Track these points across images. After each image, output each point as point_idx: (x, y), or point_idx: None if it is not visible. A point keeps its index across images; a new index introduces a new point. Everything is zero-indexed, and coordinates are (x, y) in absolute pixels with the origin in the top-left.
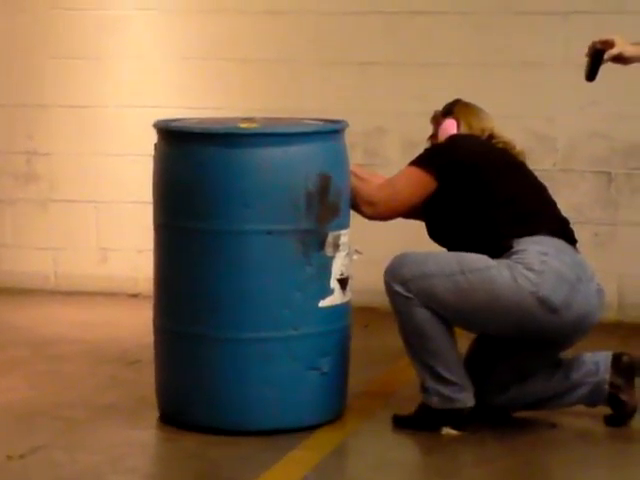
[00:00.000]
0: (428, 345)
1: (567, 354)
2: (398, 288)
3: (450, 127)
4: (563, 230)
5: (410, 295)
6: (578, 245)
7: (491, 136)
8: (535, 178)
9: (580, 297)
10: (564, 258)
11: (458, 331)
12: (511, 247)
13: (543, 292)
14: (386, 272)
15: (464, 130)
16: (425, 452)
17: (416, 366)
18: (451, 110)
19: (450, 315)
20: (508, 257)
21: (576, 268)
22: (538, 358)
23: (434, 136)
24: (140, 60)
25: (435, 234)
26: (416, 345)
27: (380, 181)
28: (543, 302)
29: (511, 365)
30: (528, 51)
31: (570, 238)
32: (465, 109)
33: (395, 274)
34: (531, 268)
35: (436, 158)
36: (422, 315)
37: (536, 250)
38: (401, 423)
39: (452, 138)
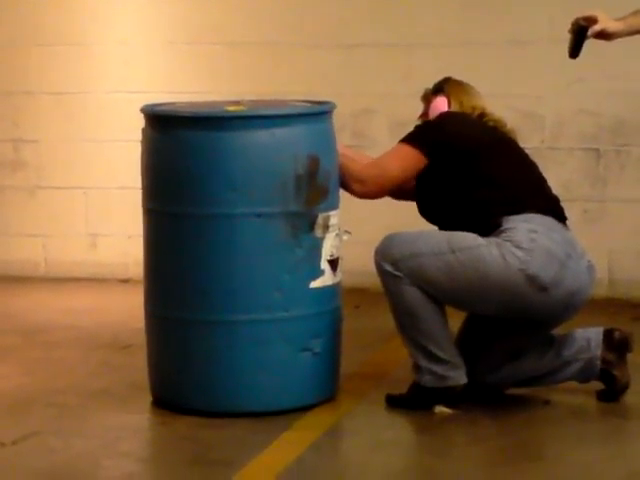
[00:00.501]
0: (419, 324)
1: (559, 331)
2: (388, 268)
3: (441, 105)
4: (553, 208)
5: (400, 274)
6: (568, 222)
7: (482, 114)
8: (526, 156)
9: (570, 274)
10: (553, 236)
11: (450, 310)
12: (500, 225)
13: (532, 270)
14: (376, 252)
15: (455, 108)
16: (419, 431)
17: (408, 345)
18: (442, 88)
19: (440, 294)
20: (497, 235)
21: (566, 245)
22: (530, 336)
23: (424, 114)
24: (126, 45)
25: (425, 211)
26: (408, 324)
27: (368, 161)
28: (532, 280)
29: (503, 344)
30: (514, 29)
31: (560, 216)
32: (456, 87)
33: (385, 254)
34: (520, 246)
35: (426, 135)
36: (413, 294)
37: (525, 228)
38: (394, 402)
39: (442, 115)
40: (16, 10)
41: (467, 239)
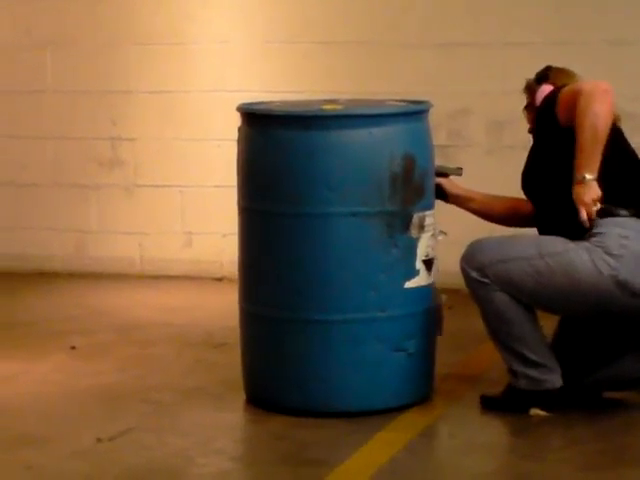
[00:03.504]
0: (511, 329)
1: None
2: (474, 274)
3: (548, 92)
4: None
5: (487, 280)
6: None
7: None
8: (632, 151)
9: None
10: None
11: (542, 313)
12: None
13: (622, 276)
14: (462, 259)
15: None
16: (514, 434)
17: (501, 351)
18: (546, 76)
19: (528, 299)
20: (587, 239)
21: None
22: (627, 337)
23: (530, 105)
24: (223, 45)
25: (529, 185)
26: (499, 330)
27: (476, 195)
28: (623, 286)
29: (600, 345)
30: (612, 28)
31: None
32: (560, 73)
33: (471, 260)
34: (610, 252)
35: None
36: (502, 299)
37: (616, 233)
38: (489, 404)
39: None
40: (115, 10)
41: (556, 244)
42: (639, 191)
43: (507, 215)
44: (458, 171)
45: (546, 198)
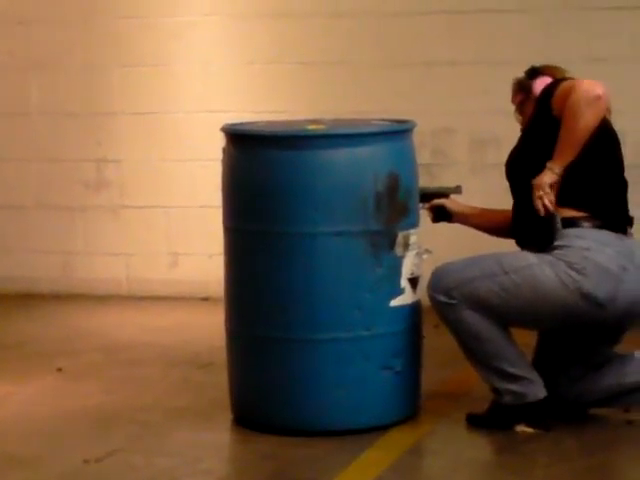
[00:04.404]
0: (486, 346)
1: None
2: (442, 298)
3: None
4: (614, 218)
5: (454, 302)
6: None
7: None
8: (620, 155)
9: (627, 287)
10: (607, 251)
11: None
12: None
13: (586, 288)
14: (428, 286)
15: None
16: (500, 451)
17: (480, 371)
18: (539, 70)
19: (498, 316)
20: (550, 252)
21: (620, 259)
22: (604, 344)
23: (523, 103)
24: (206, 66)
25: (512, 167)
26: (475, 349)
27: (476, 210)
28: (588, 298)
29: (579, 354)
30: (593, 47)
31: (620, 225)
32: (553, 68)
33: (437, 286)
34: (572, 267)
35: None
36: (472, 318)
37: (578, 246)
38: (475, 422)
39: None
40: (100, 32)
41: (518, 259)
42: (608, 200)
43: (504, 226)
44: (458, 189)
45: (525, 183)
